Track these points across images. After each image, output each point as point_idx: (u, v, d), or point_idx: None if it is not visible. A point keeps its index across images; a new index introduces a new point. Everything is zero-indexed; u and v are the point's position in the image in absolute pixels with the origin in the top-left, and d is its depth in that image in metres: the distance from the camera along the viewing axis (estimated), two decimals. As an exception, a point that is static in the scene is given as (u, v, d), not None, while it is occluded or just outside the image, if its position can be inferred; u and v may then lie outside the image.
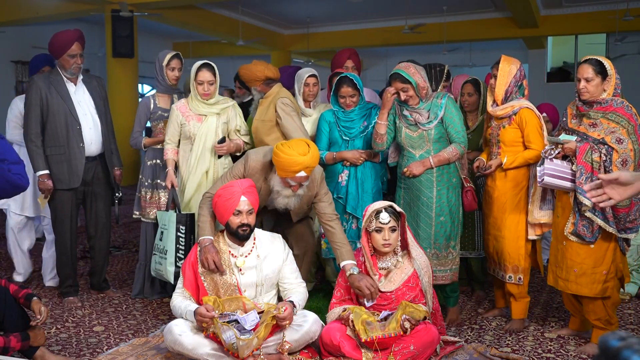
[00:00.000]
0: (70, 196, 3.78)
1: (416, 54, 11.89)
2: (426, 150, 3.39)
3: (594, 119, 3.07)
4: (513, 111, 3.30)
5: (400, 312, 2.80)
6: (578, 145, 3.02)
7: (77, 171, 3.73)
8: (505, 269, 3.38)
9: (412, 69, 3.34)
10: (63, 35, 3.73)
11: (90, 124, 3.80)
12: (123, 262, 5.08)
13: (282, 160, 3.02)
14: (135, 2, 9.12)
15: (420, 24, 11.18)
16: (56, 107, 3.69)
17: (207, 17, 11.21)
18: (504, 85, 3.31)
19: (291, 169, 3.02)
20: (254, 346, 2.75)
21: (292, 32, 13.99)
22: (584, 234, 3.03)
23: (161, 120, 3.95)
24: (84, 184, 3.80)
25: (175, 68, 3.94)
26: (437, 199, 3.38)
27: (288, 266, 3.09)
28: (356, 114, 3.72)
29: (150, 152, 3.96)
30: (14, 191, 2.74)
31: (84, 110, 3.79)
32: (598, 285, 3.04)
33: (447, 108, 3.35)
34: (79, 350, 3.11)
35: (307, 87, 3.94)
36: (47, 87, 3.70)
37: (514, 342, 3.24)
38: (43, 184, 3.69)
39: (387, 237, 2.96)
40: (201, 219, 3.12)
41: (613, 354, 0.97)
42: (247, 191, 2.99)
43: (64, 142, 3.70)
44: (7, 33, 11.40)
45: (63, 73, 3.76)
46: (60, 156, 3.71)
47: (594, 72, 3.04)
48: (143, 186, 3.95)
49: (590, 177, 2.95)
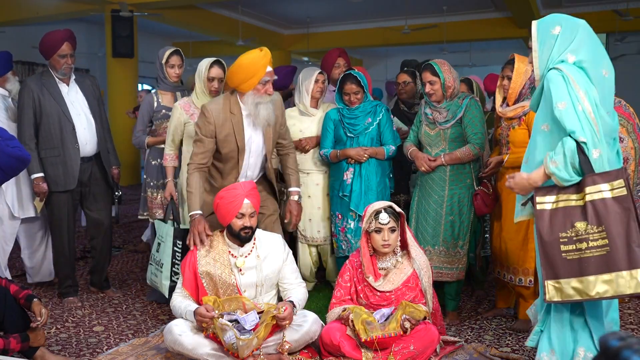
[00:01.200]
0: (66, 198, 3.76)
1: (416, 54, 11.87)
2: (442, 149, 3.47)
3: None
4: (523, 112, 3.28)
5: (400, 312, 2.80)
6: None
7: (72, 172, 3.70)
8: (515, 271, 3.35)
9: (445, 66, 3.41)
10: (53, 36, 3.70)
11: (85, 124, 3.77)
12: (123, 262, 5.08)
13: (246, 66, 3.07)
14: (135, 2, 9.11)
15: (421, 25, 11.18)
16: (49, 109, 3.67)
17: (207, 17, 11.20)
18: (518, 86, 3.28)
19: (260, 64, 3.08)
20: (254, 346, 2.76)
21: (292, 32, 13.99)
22: None
23: (165, 119, 3.90)
24: (80, 184, 3.78)
25: (175, 65, 3.90)
26: (449, 198, 3.43)
27: (288, 266, 3.09)
28: (361, 111, 3.74)
29: (155, 151, 3.92)
30: (19, 165, 2.74)
31: (77, 110, 3.77)
32: None
33: (467, 109, 3.40)
34: (78, 350, 3.11)
35: (317, 83, 3.92)
36: (39, 89, 3.68)
37: (514, 342, 3.23)
38: (38, 187, 3.67)
39: (387, 238, 2.96)
40: (189, 195, 3.11)
41: (613, 354, 0.97)
42: (250, 194, 2.99)
43: (58, 143, 3.68)
44: (7, 33, 11.39)
45: (54, 74, 3.74)
46: (55, 158, 3.69)
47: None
48: (149, 187, 3.91)
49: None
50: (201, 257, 3.00)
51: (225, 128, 3.16)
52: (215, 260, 2.98)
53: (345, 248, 3.79)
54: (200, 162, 3.17)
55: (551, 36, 2.32)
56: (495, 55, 16.64)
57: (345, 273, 3.09)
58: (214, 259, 2.99)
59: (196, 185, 3.13)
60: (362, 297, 3.03)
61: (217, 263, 2.98)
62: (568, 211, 2.21)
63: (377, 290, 2.99)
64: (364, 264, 3.00)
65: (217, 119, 3.15)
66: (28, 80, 3.72)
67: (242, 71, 3.09)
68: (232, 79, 3.17)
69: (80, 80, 3.85)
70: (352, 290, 3.06)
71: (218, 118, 3.15)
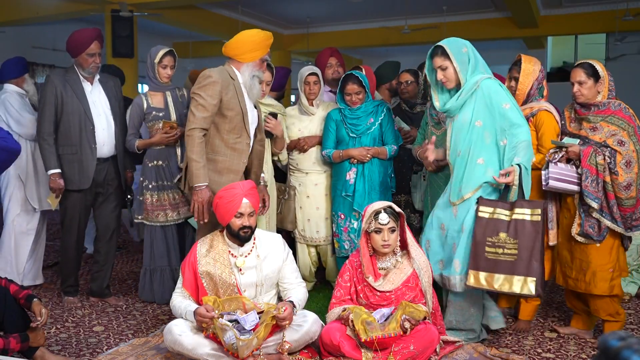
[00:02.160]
0: (80, 197, 3.73)
1: (416, 54, 11.86)
2: None
3: (593, 122, 3.13)
4: (532, 113, 3.28)
5: (400, 312, 2.80)
6: (581, 148, 3.07)
7: (87, 172, 3.68)
8: None
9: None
10: (82, 34, 3.69)
11: (104, 125, 3.75)
12: (123, 262, 5.08)
13: (256, 38, 3.22)
14: (135, 2, 9.11)
15: (421, 25, 11.18)
16: (70, 106, 3.65)
17: (207, 17, 11.19)
18: (526, 87, 3.29)
19: (267, 43, 3.25)
20: (254, 346, 2.75)
21: (292, 32, 13.98)
22: (591, 234, 3.09)
23: (157, 120, 3.80)
24: (95, 185, 3.75)
25: (168, 66, 3.83)
26: None
27: (288, 266, 3.09)
28: (362, 111, 3.75)
29: (153, 152, 3.81)
30: (9, 157, 2.71)
31: (98, 110, 3.74)
32: (606, 283, 3.11)
33: None
34: (78, 350, 3.10)
35: (308, 85, 3.92)
36: (62, 86, 3.65)
37: (514, 342, 3.24)
38: (54, 183, 3.63)
39: (387, 238, 2.95)
40: (196, 165, 3.08)
41: (613, 354, 0.97)
42: (249, 193, 2.98)
43: (76, 141, 3.66)
44: (7, 33, 11.41)
45: (80, 72, 3.72)
46: (72, 156, 3.66)
47: (586, 75, 3.12)
48: (147, 189, 3.79)
49: (596, 180, 3.02)
50: (201, 257, 3.00)
51: (230, 90, 3.18)
52: (215, 260, 2.98)
53: (348, 248, 3.80)
54: (204, 126, 3.12)
55: (464, 54, 3.05)
56: (495, 55, 16.63)
57: (345, 273, 3.09)
58: (214, 259, 2.99)
59: (202, 154, 3.12)
60: (362, 297, 3.03)
61: (217, 263, 2.98)
62: (498, 222, 2.90)
63: (377, 290, 2.98)
64: (363, 264, 3.00)
65: (223, 80, 3.17)
66: (52, 76, 3.69)
67: (250, 43, 3.21)
68: (235, 48, 3.24)
69: (103, 81, 3.83)
70: (352, 290, 3.05)
71: (223, 79, 3.17)
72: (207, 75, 3.15)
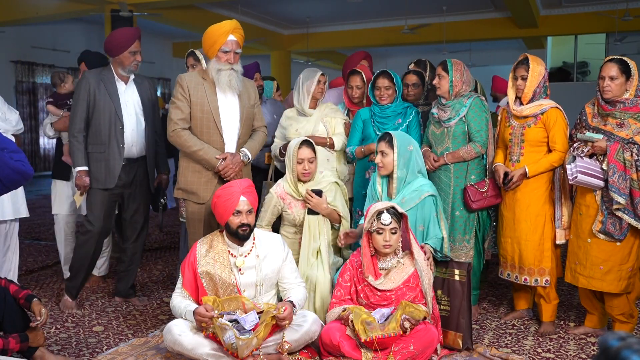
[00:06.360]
0: (105, 196, 3.68)
1: (416, 54, 11.87)
2: (446, 147, 3.57)
3: (620, 118, 3.08)
4: (541, 110, 3.28)
5: (400, 312, 2.80)
6: (608, 144, 3.03)
7: (113, 172, 3.63)
8: (531, 272, 3.34)
9: (459, 67, 3.53)
10: (124, 32, 3.69)
11: (134, 125, 3.71)
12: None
13: (210, 32, 3.27)
14: (135, 2, 9.12)
15: (421, 25, 11.19)
16: (102, 105, 3.63)
17: (206, 17, 11.20)
18: (533, 86, 3.30)
19: (220, 32, 3.26)
20: (254, 346, 2.75)
21: (292, 32, 13.99)
22: (612, 232, 3.06)
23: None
24: (122, 185, 3.71)
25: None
26: (454, 195, 3.55)
27: (287, 266, 3.09)
28: (392, 111, 3.81)
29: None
30: (20, 179, 2.72)
31: (130, 110, 3.71)
32: (624, 281, 3.10)
33: (471, 108, 3.49)
34: (78, 350, 3.10)
35: (319, 84, 3.94)
36: (96, 84, 3.64)
37: (514, 342, 3.24)
38: (80, 180, 3.60)
39: (388, 239, 2.95)
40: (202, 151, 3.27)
41: (613, 354, 0.97)
42: (246, 191, 2.99)
43: (105, 140, 3.63)
44: (7, 33, 11.41)
45: (118, 71, 3.70)
46: (100, 154, 3.63)
47: (619, 71, 3.07)
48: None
49: (623, 176, 3.00)
50: (201, 257, 3.00)
51: (199, 91, 3.32)
52: (214, 260, 2.99)
53: None
54: (183, 126, 3.30)
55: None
56: (495, 55, 16.66)
57: (345, 273, 3.09)
58: (214, 259, 2.99)
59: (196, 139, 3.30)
60: (362, 297, 3.03)
61: (216, 263, 2.98)
62: (437, 279, 3.18)
63: (377, 290, 2.98)
64: (364, 263, 3.00)
65: (190, 82, 3.32)
66: (87, 73, 3.68)
67: (206, 38, 3.31)
68: (204, 49, 3.39)
69: (138, 82, 3.80)
70: (352, 290, 3.05)
71: (190, 82, 3.33)
72: (179, 81, 3.36)
